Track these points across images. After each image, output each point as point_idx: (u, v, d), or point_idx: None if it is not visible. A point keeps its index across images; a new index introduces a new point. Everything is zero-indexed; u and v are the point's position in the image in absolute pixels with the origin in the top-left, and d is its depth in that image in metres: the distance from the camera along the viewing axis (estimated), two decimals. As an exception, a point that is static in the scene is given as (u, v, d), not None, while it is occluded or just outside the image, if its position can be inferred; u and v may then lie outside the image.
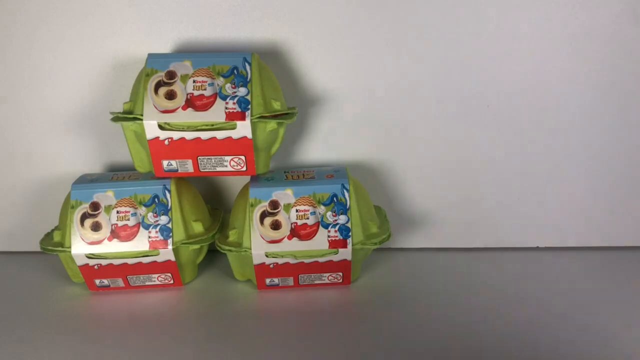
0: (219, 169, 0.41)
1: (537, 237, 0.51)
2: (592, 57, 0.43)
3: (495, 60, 0.43)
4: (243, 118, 0.39)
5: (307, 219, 0.41)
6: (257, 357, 0.37)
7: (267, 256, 0.42)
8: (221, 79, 0.40)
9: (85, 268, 0.43)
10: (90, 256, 0.42)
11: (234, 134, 0.39)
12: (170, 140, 0.40)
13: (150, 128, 0.39)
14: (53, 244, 0.43)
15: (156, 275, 0.44)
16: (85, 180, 0.43)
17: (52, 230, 0.45)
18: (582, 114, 0.45)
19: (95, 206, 0.42)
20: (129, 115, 0.40)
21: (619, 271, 0.47)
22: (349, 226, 0.42)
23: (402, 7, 0.42)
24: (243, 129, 0.39)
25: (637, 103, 0.45)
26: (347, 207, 0.42)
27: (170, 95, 0.39)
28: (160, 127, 0.39)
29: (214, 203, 0.50)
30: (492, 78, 0.44)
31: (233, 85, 0.40)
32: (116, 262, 0.42)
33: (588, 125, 0.46)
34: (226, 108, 0.39)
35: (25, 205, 0.50)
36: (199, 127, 0.39)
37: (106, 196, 0.42)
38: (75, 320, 0.42)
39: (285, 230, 0.41)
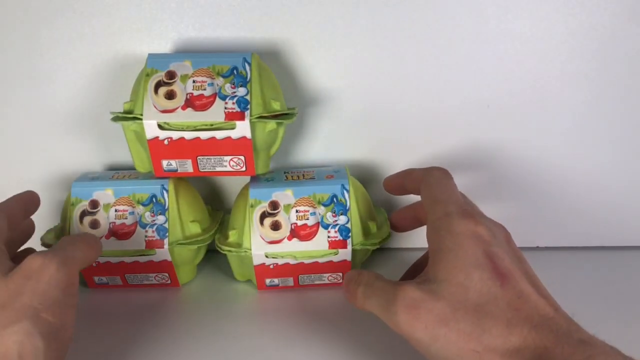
0: (218, 169, 0.41)
1: (537, 237, 0.51)
2: (592, 57, 0.43)
3: (495, 60, 0.43)
4: (242, 118, 0.39)
5: (307, 219, 0.41)
6: (257, 357, 0.37)
7: (267, 257, 0.42)
8: (221, 79, 0.40)
9: (84, 266, 0.43)
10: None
11: (233, 134, 0.39)
12: (169, 140, 0.40)
13: (150, 128, 0.39)
14: (53, 240, 0.43)
15: (153, 275, 0.44)
16: (86, 179, 0.44)
17: (54, 227, 0.45)
18: (582, 114, 0.45)
19: (94, 204, 0.42)
20: (129, 115, 0.40)
21: (619, 271, 0.47)
22: (349, 227, 0.41)
23: (403, 7, 0.42)
24: (242, 129, 0.39)
25: (637, 103, 0.45)
26: (347, 207, 0.42)
27: (170, 95, 0.39)
28: (160, 126, 0.39)
29: (214, 204, 0.50)
30: (492, 78, 0.44)
31: (232, 85, 0.39)
32: (114, 260, 0.42)
33: (588, 125, 0.46)
34: (225, 108, 0.39)
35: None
36: (198, 127, 0.39)
37: (105, 194, 0.42)
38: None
39: (285, 230, 0.41)
